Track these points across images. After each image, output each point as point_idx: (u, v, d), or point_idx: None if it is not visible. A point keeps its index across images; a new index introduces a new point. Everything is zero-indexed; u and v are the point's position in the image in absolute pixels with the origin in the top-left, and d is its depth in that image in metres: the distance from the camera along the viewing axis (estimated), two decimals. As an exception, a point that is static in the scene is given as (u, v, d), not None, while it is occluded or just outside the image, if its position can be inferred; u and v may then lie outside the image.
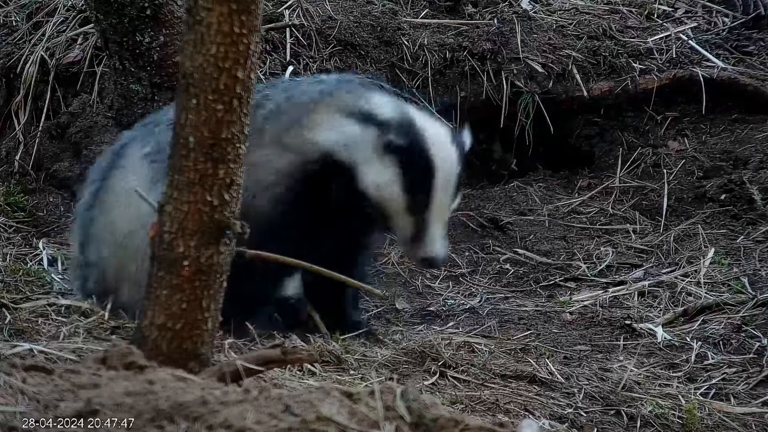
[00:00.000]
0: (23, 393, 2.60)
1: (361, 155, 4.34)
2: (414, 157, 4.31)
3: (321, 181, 4.37)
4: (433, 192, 4.33)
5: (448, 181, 4.35)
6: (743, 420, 4.08)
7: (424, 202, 4.33)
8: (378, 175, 4.33)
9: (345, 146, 4.34)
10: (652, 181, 6.14)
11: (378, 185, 4.33)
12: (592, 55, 6.36)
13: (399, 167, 4.31)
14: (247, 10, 2.98)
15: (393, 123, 4.35)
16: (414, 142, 4.32)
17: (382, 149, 4.32)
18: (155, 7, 5.37)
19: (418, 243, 4.36)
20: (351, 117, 4.38)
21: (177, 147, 3.06)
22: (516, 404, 3.97)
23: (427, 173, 4.32)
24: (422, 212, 4.34)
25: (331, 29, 6.20)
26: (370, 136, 4.33)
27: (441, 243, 4.37)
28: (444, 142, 4.39)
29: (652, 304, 5.10)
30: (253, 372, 3.01)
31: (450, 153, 4.38)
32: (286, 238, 4.23)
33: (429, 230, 4.35)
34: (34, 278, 4.95)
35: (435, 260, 4.39)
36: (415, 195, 4.32)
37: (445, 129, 4.46)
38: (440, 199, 4.35)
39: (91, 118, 5.99)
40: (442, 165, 4.34)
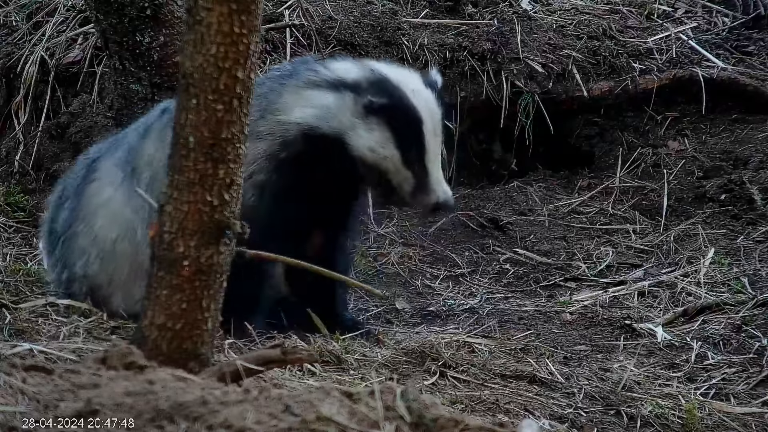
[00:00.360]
0: (23, 393, 2.60)
1: (345, 122, 4.34)
2: (399, 112, 4.32)
3: (302, 160, 4.36)
4: (426, 140, 4.34)
5: (435, 125, 4.37)
6: (743, 420, 4.08)
7: (419, 152, 4.34)
8: (368, 138, 4.33)
9: (324, 118, 4.35)
10: (652, 181, 6.14)
11: (371, 147, 4.34)
12: (592, 55, 6.36)
13: (387, 125, 4.32)
14: (247, 10, 2.98)
15: (365, 83, 4.35)
16: (394, 97, 4.33)
17: (364, 112, 4.32)
18: (155, 7, 5.37)
19: (424, 192, 4.37)
20: (320, 88, 4.39)
21: (177, 147, 3.06)
22: (516, 404, 3.97)
23: (417, 124, 4.33)
24: (420, 162, 4.35)
25: (331, 29, 6.20)
26: (347, 101, 4.34)
27: (445, 185, 4.39)
28: (420, 88, 4.39)
29: (652, 304, 5.10)
30: (253, 372, 3.01)
31: (429, 97, 4.39)
32: (275, 225, 4.23)
33: (431, 177, 4.36)
34: (34, 278, 4.95)
35: (446, 203, 4.40)
36: (409, 148, 4.33)
37: (415, 75, 4.48)
38: (433, 145, 4.36)
39: (91, 118, 5.99)
40: (427, 111, 4.35)
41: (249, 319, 4.33)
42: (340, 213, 4.55)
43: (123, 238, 4.42)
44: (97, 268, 4.50)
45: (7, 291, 4.67)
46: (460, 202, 6.12)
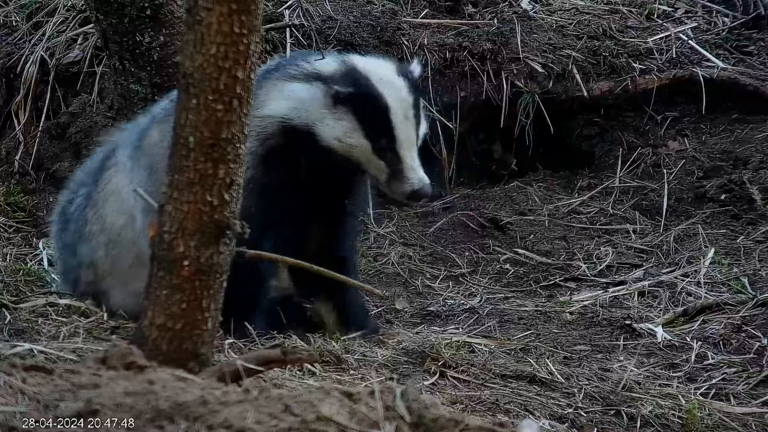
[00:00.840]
0: (23, 393, 2.60)
1: (315, 114, 4.34)
2: (364, 100, 4.31)
3: (282, 154, 4.36)
4: (394, 127, 4.32)
5: (405, 113, 4.34)
6: (743, 420, 4.08)
7: (389, 141, 4.33)
8: (335, 129, 4.33)
9: (297, 110, 4.35)
10: (652, 181, 6.14)
11: (338, 138, 4.33)
12: (592, 55, 6.36)
13: (353, 115, 4.32)
14: (247, 10, 2.98)
15: (336, 75, 4.35)
16: (360, 86, 4.32)
17: (331, 102, 4.32)
18: (155, 7, 5.36)
19: (399, 180, 4.35)
20: (297, 80, 4.40)
21: (177, 147, 3.06)
22: (516, 404, 3.97)
23: (382, 112, 4.31)
24: (391, 150, 4.33)
25: (331, 29, 6.20)
26: (318, 92, 4.34)
27: (420, 173, 4.35)
28: (389, 76, 4.38)
29: (652, 304, 5.10)
30: (253, 372, 3.01)
31: (398, 85, 4.36)
32: (265, 222, 4.23)
33: (404, 164, 4.34)
34: (34, 278, 4.96)
35: (421, 190, 4.36)
36: (377, 136, 4.32)
37: (389, 64, 4.47)
38: (404, 132, 4.33)
39: (91, 118, 6.00)
40: (394, 99, 4.33)
41: (249, 319, 4.33)
42: (333, 207, 4.53)
43: (128, 225, 4.43)
44: (103, 255, 4.51)
45: (7, 291, 4.68)
46: (460, 202, 6.12)
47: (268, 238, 4.16)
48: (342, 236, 4.61)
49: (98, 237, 4.53)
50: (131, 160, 4.48)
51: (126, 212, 4.45)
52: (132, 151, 4.49)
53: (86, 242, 4.57)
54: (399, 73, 4.40)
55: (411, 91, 4.38)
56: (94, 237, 4.55)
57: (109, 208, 4.50)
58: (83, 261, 4.58)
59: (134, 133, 4.57)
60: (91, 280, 4.57)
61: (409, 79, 4.41)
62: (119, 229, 4.46)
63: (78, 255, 4.60)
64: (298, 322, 4.58)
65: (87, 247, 4.57)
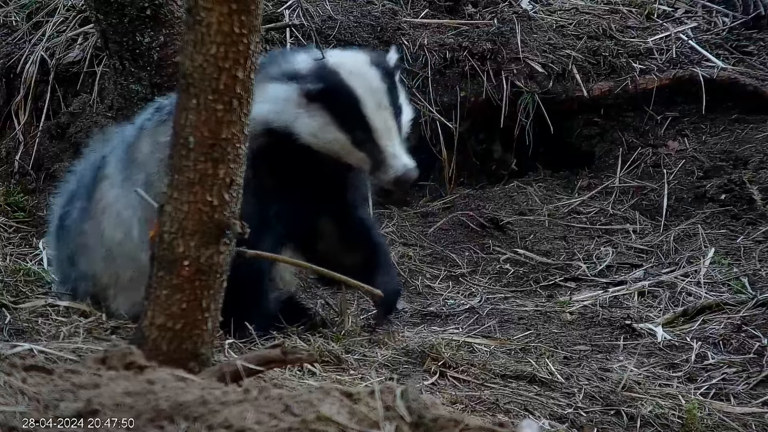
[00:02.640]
0: (23, 393, 2.60)
1: (291, 114, 4.35)
2: (334, 94, 4.31)
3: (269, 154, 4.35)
4: (368, 117, 4.32)
5: (378, 102, 4.34)
6: (743, 420, 4.08)
7: (365, 131, 4.32)
8: (311, 126, 4.33)
9: (275, 112, 4.36)
10: (652, 181, 6.14)
11: (314, 134, 4.34)
12: (592, 55, 6.36)
13: (326, 110, 4.32)
14: (247, 10, 2.99)
15: (309, 73, 4.36)
16: (329, 81, 4.32)
17: (305, 101, 4.32)
18: (155, 7, 5.36)
19: (382, 168, 4.35)
20: (275, 81, 4.40)
21: (177, 147, 3.07)
22: (516, 404, 3.97)
23: (353, 104, 4.31)
24: (370, 140, 4.33)
25: (331, 29, 6.20)
26: (293, 92, 4.34)
27: (403, 158, 4.34)
28: (359, 68, 4.38)
29: (652, 304, 5.10)
30: (253, 372, 3.01)
31: (369, 74, 4.36)
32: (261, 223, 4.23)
33: (385, 152, 4.33)
34: (34, 278, 4.95)
35: (405, 174, 4.35)
36: (353, 128, 4.32)
37: (362, 56, 4.47)
38: (379, 121, 4.33)
39: (91, 118, 5.99)
40: (365, 88, 4.33)
41: (250, 319, 4.33)
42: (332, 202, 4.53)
43: (127, 239, 4.43)
44: (103, 268, 4.51)
45: (7, 291, 4.67)
46: (460, 202, 6.12)
47: (267, 238, 4.16)
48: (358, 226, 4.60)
49: (97, 250, 4.52)
50: (122, 174, 4.46)
51: (123, 225, 4.44)
52: (123, 164, 4.48)
53: (85, 255, 4.56)
54: (372, 64, 4.40)
55: (384, 79, 4.37)
56: (92, 250, 4.54)
57: (106, 221, 4.49)
58: (83, 273, 4.58)
59: (122, 145, 4.55)
60: (92, 292, 4.57)
61: (383, 68, 4.41)
62: (118, 243, 4.46)
63: (77, 267, 4.60)
64: (299, 323, 4.58)
65: (86, 260, 4.56)
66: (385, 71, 4.41)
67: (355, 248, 4.56)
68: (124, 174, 4.46)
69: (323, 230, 4.58)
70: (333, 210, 4.54)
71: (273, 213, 4.34)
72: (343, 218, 4.57)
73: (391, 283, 4.61)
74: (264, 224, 4.23)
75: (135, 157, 4.42)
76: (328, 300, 4.98)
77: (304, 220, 4.48)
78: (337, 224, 4.58)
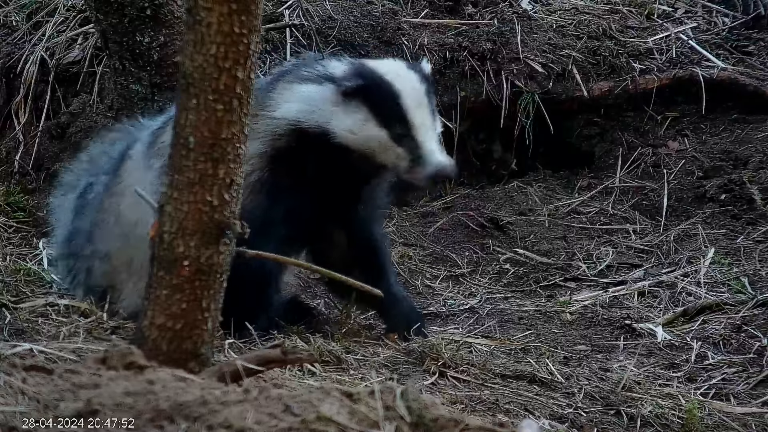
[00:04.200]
0: (23, 393, 2.60)
1: (326, 113, 4.35)
2: (374, 90, 4.32)
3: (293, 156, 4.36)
4: (408, 112, 4.33)
5: (418, 99, 4.35)
6: (743, 420, 4.08)
7: (404, 126, 4.33)
8: (349, 122, 4.33)
9: (307, 111, 4.36)
10: (652, 181, 6.14)
11: (351, 130, 4.34)
12: (592, 55, 6.36)
13: (365, 106, 4.33)
14: (247, 10, 2.99)
15: (346, 74, 4.38)
16: (369, 78, 4.34)
17: (342, 99, 4.33)
18: (155, 7, 5.37)
19: (420, 164, 4.35)
20: (308, 82, 4.41)
21: (177, 147, 3.07)
22: (516, 404, 3.97)
23: (394, 98, 4.33)
24: (408, 135, 4.33)
25: (331, 29, 6.20)
26: (328, 92, 4.35)
27: (440, 155, 4.36)
28: (398, 69, 4.41)
29: (652, 304, 5.10)
30: (253, 372, 3.01)
31: (408, 75, 4.39)
32: (274, 225, 4.23)
33: (423, 147, 4.34)
34: (34, 278, 4.95)
35: (444, 169, 4.37)
36: (393, 124, 4.32)
37: (398, 62, 4.52)
38: (419, 117, 4.34)
39: (91, 118, 5.99)
40: (405, 86, 4.34)
41: (253, 319, 4.33)
42: (348, 209, 4.53)
43: (142, 223, 4.42)
44: (118, 248, 4.50)
45: (7, 291, 4.67)
46: (460, 202, 6.12)
47: (274, 238, 4.15)
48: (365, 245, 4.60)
49: (113, 228, 4.52)
50: (145, 159, 4.47)
51: (140, 209, 4.44)
52: (147, 149, 4.49)
53: (102, 231, 4.56)
54: (408, 68, 4.44)
55: (422, 81, 4.40)
56: (109, 227, 4.54)
57: (125, 202, 4.50)
58: (98, 250, 4.57)
59: (150, 131, 4.58)
60: (106, 271, 4.55)
61: (419, 72, 4.43)
62: (134, 224, 4.45)
63: (93, 242, 4.59)
64: (302, 322, 4.59)
65: (102, 237, 4.56)
66: (422, 75, 4.43)
67: (360, 266, 4.53)
68: (146, 158, 4.47)
69: (337, 240, 4.58)
70: (345, 220, 4.53)
71: (283, 214, 4.34)
72: (354, 232, 4.57)
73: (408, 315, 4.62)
74: (273, 225, 4.23)
75: (158, 145, 4.43)
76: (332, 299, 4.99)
77: (315, 225, 4.47)
78: (348, 237, 4.58)
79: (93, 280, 4.62)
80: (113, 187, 4.56)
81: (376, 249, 4.62)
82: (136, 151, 4.54)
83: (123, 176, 4.54)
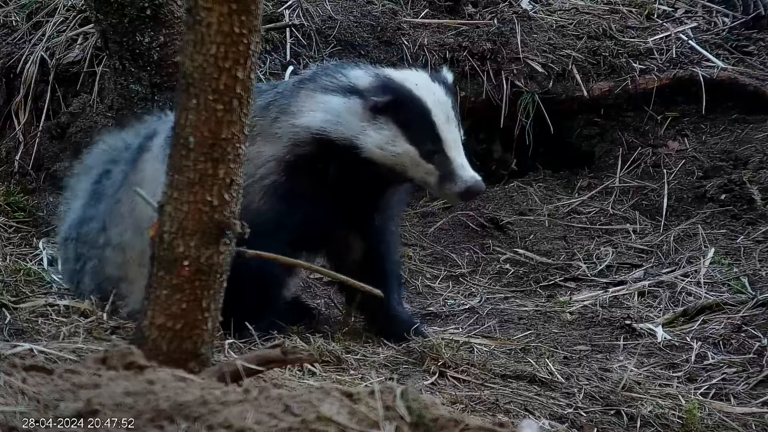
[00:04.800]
0: (23, 393, 2.60)
1: (355, 127, 4.33)
2: (404, 106, 4.31)
3: (313, 163, 4.35)
4: (438, 128, 4.32)
5: (447, 114, 4.34)
6: (743, 420, 4.08)
7: (435, 143, 4.32)
8: (378, 139, 4.32)
9: (334, 123, 4.34)
10: (652, 181, 6.14)
11: (381, 147, 4.32)
12: (592, 55, 6.36)
13: (394, 122, 4.31)
14: (247, 10, 2.98)
15: (372, 87, 4.35)
16: (398, 94, 4.32)
17: (370, 114, 4.31)
18: (155, 7, 5.37)
19: (450, 180, 4.33)
20: (333, 93, 4.39)
21: (177, 147, 3.07)
22: (516, 404, 3.97)
23: (424, 114, 4.32)
24: (438, 151, 4.32)
25: (331, 29, 6.20)
26: (356, 106, 4.33)
27: (471, 170, 4.35)
28: (425, 82, 4.38)
29: (652, 304, 5.10)
30: (253, 372, 3.01)
31: (435, 89, 4.37)
32: (284, 228, 4.23)
33: (454, 164, 4.33)
34: (34, 278, 4.95)
35: (474, 186, 4.34)
36: (423, 140, 4.31)
37: (422, 73, 4.47)
38: (448, 133, 4.33)
39: (91, 118, 5.99)
40: (434, 101, 4.33)
41: (256, 320, 4.33)
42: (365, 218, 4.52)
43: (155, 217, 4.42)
44: (132, 241, 4.49)
45: (7, 291, 4.67)
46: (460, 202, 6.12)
47: (283, 242, 4.14)
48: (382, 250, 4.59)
49: (128, 219, 4.51)
50: (162, 152, 4.48)
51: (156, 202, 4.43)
52: (165, 142, 4.49)
53: (116, 221, 4.55)
54: (433, 80, 4.42)
55: (447, 93, 4.39)
56: (124, 218, 4.53)
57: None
58: (111, 240, 4.56)
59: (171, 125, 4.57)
60: (119, 262, 4.55)
61: (444, 84, 4.43)
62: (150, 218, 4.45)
63: (107, 232, 4.58)
64: (302, 322, 4.59)
65: (117, 228, 4.55)
66: (447, 87, 4.43)
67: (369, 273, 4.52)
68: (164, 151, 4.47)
69: (352, 245, 4.57)
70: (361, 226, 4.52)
71: (296, 220, 4.33)
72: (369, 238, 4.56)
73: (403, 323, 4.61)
74: (284, 229, 4.24)
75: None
76: (333, 298, 4.99)
77: (328, 231, 4.46)
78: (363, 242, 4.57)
79: (106, 270, 4.60)
80: (131, 177, 4.56)
81: (382, 258, 4.60)
82: (155, 144, 4.54)
83: (140, 168, 4.53)
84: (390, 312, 4.57)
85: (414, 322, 4.61)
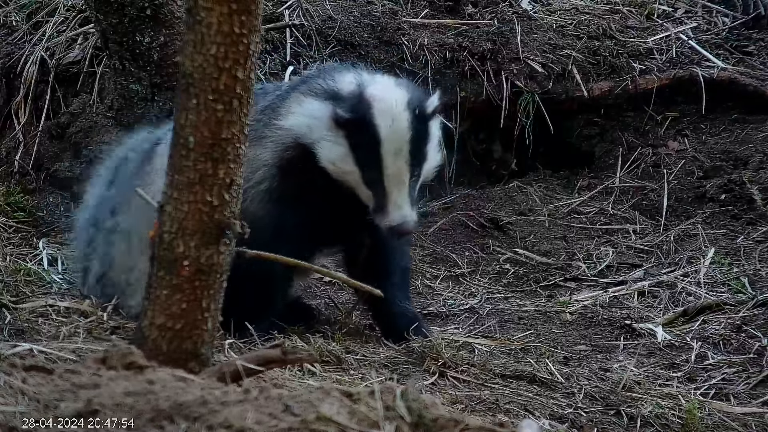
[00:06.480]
0: (23, 393, 2.60)
1: (319, 133, 4.32)
2: (359, 129, 4.26)
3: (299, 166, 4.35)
4: (384, 162, 4.26)
5: (398, 149, 4.26)
6: (743, 420, 4.08)
7: (376, 173, 4.28)
8: (331, 151, 4.31)
9: (307, 127, 4.34)
10: (652, 181, 6.14)
11: (332, 161, 4.31)
12: (592, 55, 6.36)
13: (347, 141, 4.28)
14: (247, 10, 2.99)
15: (347, 96, 4.32)
16: (359, 114, 4.27)
17: (334, 124, 4.30)
18: (155, 7, 5.37)
19: (382, 212, 4.30)
20: (316, 97, 4.38)
21: (177, 147, 3.07)
22: (516, 404, 3.97)
23: (374, 144, 4.26)
24: (379, 182, 4.29)
25: (331, 29, 6.20)
26: (327, 112, 4.31)
27: (403, 210, 4.29)
28: (392, 108, 4.28)
29: (652, 304, 5.10)
30: (253, 372, 3.01)
31: (399, 119, 4.27)
32: (284, 231, 4.23)
33: (389, 199, 4.29)
34: (34, 278, 4.95)
35: (400, 227, 4.30)
36: (367, 166, 4.28)
37: (399, 94, 4.34)
38: (394, 167, 4.27)
39: (91, 118, 5.99)
40: (389, 133, 4.25)
41: (257, 320, 4.33)
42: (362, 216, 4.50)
43: None
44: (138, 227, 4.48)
45: (7, 291, 4.67)
46: (460, 202, 6.12)
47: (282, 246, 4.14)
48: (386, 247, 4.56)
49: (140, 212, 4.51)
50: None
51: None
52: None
53: (125, 207, 4.54)
54: (408, 105, 4.31)
55: (413, 125, 4.29)
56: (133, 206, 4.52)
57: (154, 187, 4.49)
58: (119, 224, 4.56)
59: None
60: (126, 249, 4.54)
61: (418, 111, 4.32)
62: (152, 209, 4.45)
63: (115, 216, 4.58)
64: (302, 323, 4.59)
65: (125, 213, 4.54)
66: (420, 116, 4.32)
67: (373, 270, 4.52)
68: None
69: (365, 241, 4.56)
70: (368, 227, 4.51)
71: (293, 223, 4.33)
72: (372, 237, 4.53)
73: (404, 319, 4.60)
74: (284, 233, 4.23)
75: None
76: (333, 299, 4.99)
77: (329, 233, 4.45)
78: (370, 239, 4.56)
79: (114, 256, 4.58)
80: (144, 166, 4.55)
81: (385, 257, 4.59)
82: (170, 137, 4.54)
83: (153, 160, 4.53)
84: (392, 309, 4.56)
85: (416, 321, 4.59)
